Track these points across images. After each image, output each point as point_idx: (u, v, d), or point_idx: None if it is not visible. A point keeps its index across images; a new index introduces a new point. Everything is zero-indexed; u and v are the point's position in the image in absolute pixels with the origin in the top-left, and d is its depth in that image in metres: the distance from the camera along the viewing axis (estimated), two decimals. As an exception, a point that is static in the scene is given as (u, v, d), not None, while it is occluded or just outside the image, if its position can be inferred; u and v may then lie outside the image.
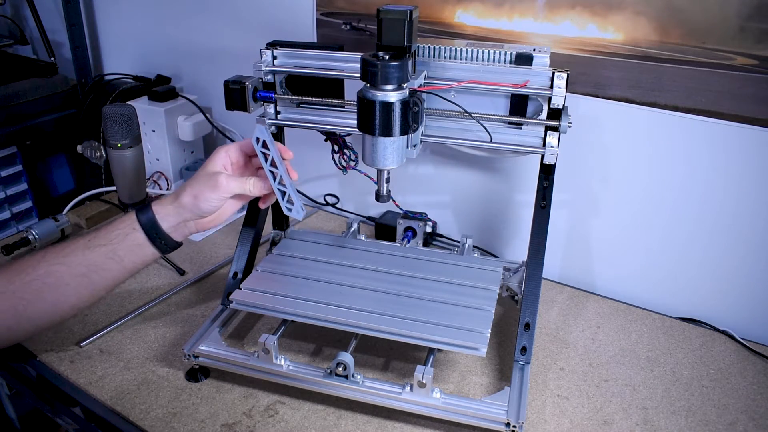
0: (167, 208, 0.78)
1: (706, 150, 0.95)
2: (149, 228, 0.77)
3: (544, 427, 0.80)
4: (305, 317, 0.82)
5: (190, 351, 0.83)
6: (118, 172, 1.01)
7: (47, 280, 0.75)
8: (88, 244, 0.77)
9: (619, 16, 0.94)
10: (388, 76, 0.72)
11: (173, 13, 1.42)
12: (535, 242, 0.86)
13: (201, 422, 0.78)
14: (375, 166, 0.79)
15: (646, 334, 0.98)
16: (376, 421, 0.80)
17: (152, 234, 0.77)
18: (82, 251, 0.77)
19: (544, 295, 0.99)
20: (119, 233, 0.77)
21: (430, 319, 0.80)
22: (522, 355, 0.83)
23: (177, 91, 1.34)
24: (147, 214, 0.78)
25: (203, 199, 0.77)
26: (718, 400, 0.85)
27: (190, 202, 0.77)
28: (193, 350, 0.84)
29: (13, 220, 1.49)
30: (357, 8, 1.16)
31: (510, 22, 1.02)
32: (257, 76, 0.91)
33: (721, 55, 0.89)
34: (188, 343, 0.85)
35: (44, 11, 1.58)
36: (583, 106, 1.01)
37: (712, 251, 1.00)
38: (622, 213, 1.06)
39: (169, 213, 0.78)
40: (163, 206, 0.78)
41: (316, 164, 1.26)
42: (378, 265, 0.93)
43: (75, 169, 1.61)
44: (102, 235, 0.78)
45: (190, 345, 0.84)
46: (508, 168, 1.13)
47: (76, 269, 0.77)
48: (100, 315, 0.98)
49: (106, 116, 0.97)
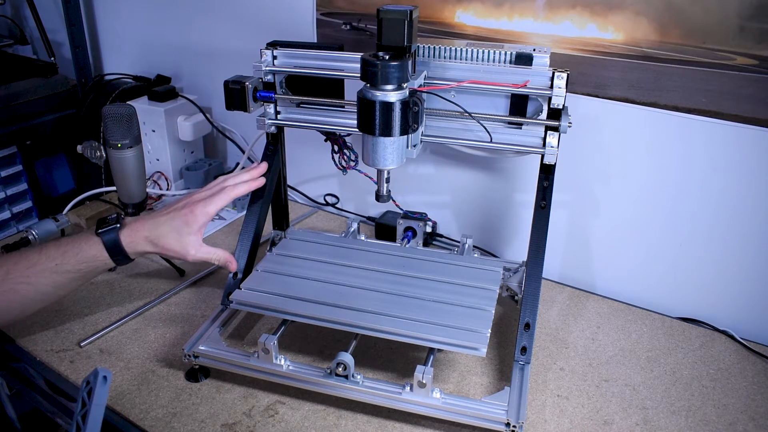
0: (138, 244, 0.83)
1: (706, 150, 0.95)
2: (117, 258, 0.83)
3: (544, 427, 0.80)
4: (305, 317, 0.82)
5: (190, 351, 0.83)
6: (118, 172, 1.01)
7: (11, 296, 0.79)
8: (56, 269, 0.80)
9: (619, 16, 0.94)
10: (388, 76, 0.72)
11: (173, 13, 1.42)
12: (535, 242, 0.86)
13: (201, 422, 0.78)
14: (375, 166, 0.79)
15: (646, 334, 0.98)
16: (376, 421, 0.80)
17: (119, 260, 0.83)
18: (50, 274, 0.80)
19: (544, 295, 0.99)
20: (88, 264, 0.82)
21: (430, 319, 0.80)
22: (522, 355, 0.83)
23: (177, 91, 1.34)
24: (116, 245, 0.82)
25: (168, 255, 0.85)
26: (718, 400, 0.85)
27: (158, 252, 0.84)
28: (193, 350, 0.84)
29: (13, 220, 1.49)
30: (357, 8, 1.16)
31: (510, 22, 1.02)
32: (257, 76, 0.91)
33: (721, 55, 0.89)
34: (188, 343, 0.85)
35: (44, 11, 1.59)
36: (583, 106, 1.01)
37: (712, 251, 1.00)
38: (622, 213, 1.06)
39: (138, 248, 0.83)
40: (134, 240, 0.83)
41: (316, 164, 1.27)
42: (378, 265, 0.93)
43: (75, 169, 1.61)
44: (70, 262, 0.81)
45: (190, 345, 0.84)
46: (508, 168, 1.13)
47: (43, 289, 0.81)
48: (100, 315, 0.98)
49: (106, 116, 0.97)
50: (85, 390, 0.63)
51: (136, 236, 0.82)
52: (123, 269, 1.10)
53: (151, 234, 0.83)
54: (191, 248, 0.83)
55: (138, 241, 0.82)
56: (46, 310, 0.98)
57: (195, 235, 0.83)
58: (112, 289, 1.05)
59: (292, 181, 1.28)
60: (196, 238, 0.83)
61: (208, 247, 0.85)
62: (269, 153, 0.97)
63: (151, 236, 0.82)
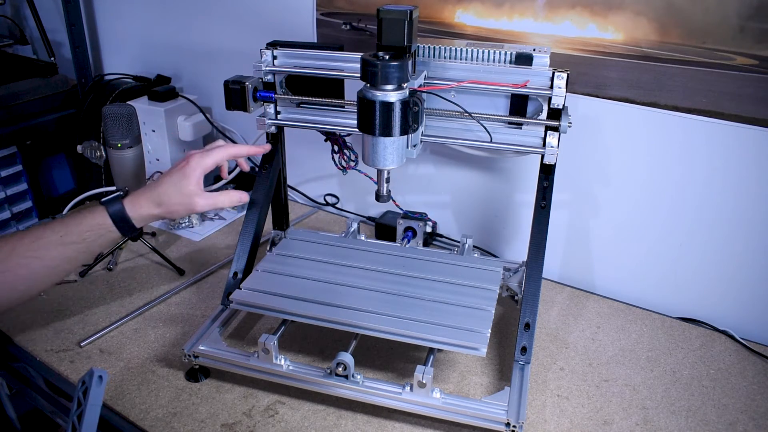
0: (142, 207, 0.82)
1: (705, 150, 0.95)
2: (122, 225, 0.82)
3: (544, 427, 0.80)
4: (305, 317, 0.82)
5: (190, 351, 0.83)
6: (118, 172, 1.01)
7: (19, 271, 0.78)
8: (62, 240, 0.79)
9: (619, 16, 0.94)
10: (388, 76, 0.72)
11: (173, 13, 1.42)
12: (535, 242, 0.86)
13: (201, 422, 0.78)
14: (375, 166, 0.79)
15: (646, 334, 0.98)
16: (376, 421, 0.80)
17: (125, 229, 0.82)
18: (56, 247, 0.79)
19: (544, 295, 0.99)
20: (93, 233, 0.81)
21: (430, 319, 0.80)
22: (522, 355, 0.82)
23: (177, 91, 1.34)
24: (120, 213, 0.81)
25: (177, 214, 0.84)
26: (718, 400, 0.85)
27: (165, 213, 0.83)
28: (193, 350, 0.84)
29: (13, 220, 1.49)
30: (357, 8, 1.16)
31: (510, 22, 1.02)
32: (257, 76, 0.91)
33: (721, 55, 0.89)
34: (188, 343, 0.85)
35: (44, 11, 1.58)
36: (583, 106, 1.01)
37: (712, 251, 1.00)
38: (622, 213, 1.06)
39: (142, 212, 0.82)
40: (138, 204, 0.82)
41: (316, 164, 1.27)
42: (378, 265, 0.93)
43: (75, 169, 1.61)
44: (74, 231, 0.80)
45: (190, 345, 0.84)
46: (508, 168, 1.13)
47: (50, 262, 0.80)
48: (100, 315, 0.98)
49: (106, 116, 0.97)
50: (80, 390, 0.63)
51: (139, 200, 0.82)
52: (123, 269, 1.10)
53: (152, 194, 0.82)
54: (196, 198, 0.82)
55: (141, 203, 0.82)
56: (45, 310, 0.98)
57: (195, 185, 0.82)
58: (112, 289, 1.05)
59: (292, 181, 1.28)
60: (196, 188, 0.83)
61: (214, 194, 0.85)
62: (269, 153, 0.97)
63: (152, 196, 0.82)
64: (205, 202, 0.83)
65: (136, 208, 0.82)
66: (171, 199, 0.82)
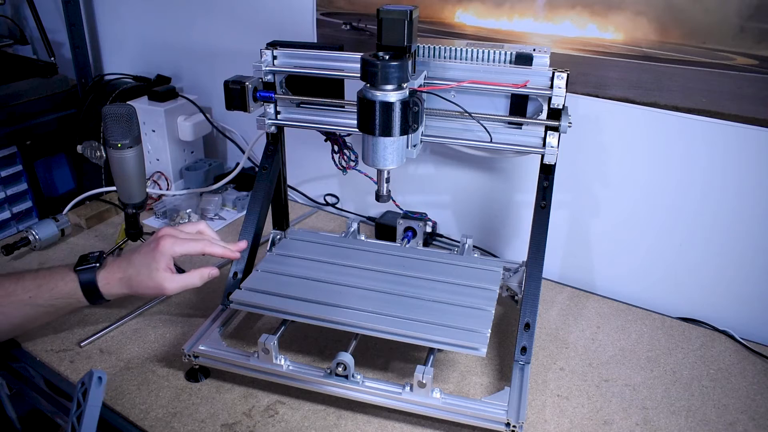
0: (113, 286, 0.84)
1: (705, 150, 0.95)
2: (91, 297, 0.84)
3: (544, 427, 0.80)
4: (305, 317, 0.82)
5: (190, 351, 0.83)
6: (118, 172, 1.01)
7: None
8: (30, 302, 0.81)
9: (619, 16, 0.94)
10: (388, 76, 0.72)
11: (173, 13, 1.42)
12: (535, 242, 0.86)
13: (201, 422, 0.78)
14: (375, 166, 0.79)
15: (646, 334, 0.98)
16: (376, 421, 0.80)
17: (93, 300, 0.84)
18: (23, 307, 0.81)
19: (544, 295, 0.99)
20: (62, 301, 0.83)
21: (430, 319, 0.80)
22: (522, 355, 0.82)
23: (177, 91, 1.34)
24: (92, 285, 0.83)
25: (147, 296, 0.90)
26: (718, 400, 0.85)
27: (135, 294, 0.85)
28: (193, 350, 0.84)
29: (13, 220, 1.49)
30: (357, 8, 1.16)
31: (510, 22, 1.02)
32: (257, 76, 0.91)
33: (721, 55, 0.89)
34: (188, 343, 0.85)
35: (44, 11, 1.58)
36: (583, 106, 1.01)
37: (712, 251, 1.00)
38: (622, 213, 1.06)
39: (113, 290, 0.84)
40: (109, 283, 0.84)
41: (316, 164, 1.27)
42: (378, 265, 0.93)
43: (75, 169, 1.61)
44: (45, 296, 0.82)
45: (190, 345, 0.84)
46: (508, 168, 1.13)
47: (14, 320, 0.82)
48: (100, 315, 0.98)
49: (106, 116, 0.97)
50: (80, 391, 0.63)
51: (111, 278, 0.83)
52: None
53: (124, 275, 0.83)
54: (165, 282, 0.83)
55: (113, 283, 0.83)
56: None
57: (163, 270, 0.82)
58: (112, 289, 1.04)
59: (292, 181, 1.28)
60: (165, 272, 0.82)
61: (183, 275, 0.85)
62: (269, 153, 0.97)
63: (124, 277, 0.83)
64: (176, 285, 0.84)
65: (107, 286, 0.83)
66: (141, 283, 0.83)
